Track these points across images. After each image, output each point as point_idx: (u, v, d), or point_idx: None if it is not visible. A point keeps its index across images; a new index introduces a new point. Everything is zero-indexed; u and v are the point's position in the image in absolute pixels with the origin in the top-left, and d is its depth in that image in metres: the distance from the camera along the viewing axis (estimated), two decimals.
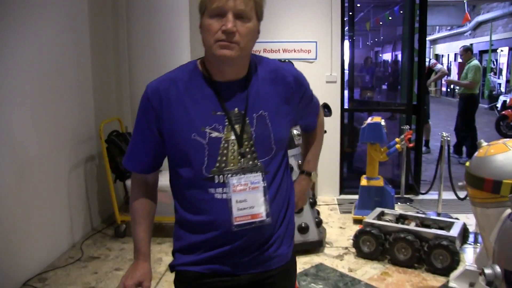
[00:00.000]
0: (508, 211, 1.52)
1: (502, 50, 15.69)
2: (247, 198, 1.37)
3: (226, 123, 1.37)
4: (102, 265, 3.59)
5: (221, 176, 1.36)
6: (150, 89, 1.42)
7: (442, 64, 16.61)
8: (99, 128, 4.05)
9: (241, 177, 1.37)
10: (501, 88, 15.44)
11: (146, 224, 1.51)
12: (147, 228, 1.51)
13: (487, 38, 15.53)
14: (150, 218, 1.53)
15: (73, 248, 3.91)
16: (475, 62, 7.38)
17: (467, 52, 7.55)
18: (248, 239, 1.40)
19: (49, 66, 3.63)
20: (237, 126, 1.37)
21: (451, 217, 4.20)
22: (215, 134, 1.36)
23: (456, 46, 15.09)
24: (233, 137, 1.37)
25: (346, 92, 5.49)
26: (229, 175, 1.37)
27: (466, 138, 7.13)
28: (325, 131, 1.98)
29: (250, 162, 1.39)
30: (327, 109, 3.84)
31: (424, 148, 6.99)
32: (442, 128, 9.27)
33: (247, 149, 1.38)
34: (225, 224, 1.37)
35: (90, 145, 4.29)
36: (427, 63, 7.61)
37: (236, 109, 1.39)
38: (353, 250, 3.67)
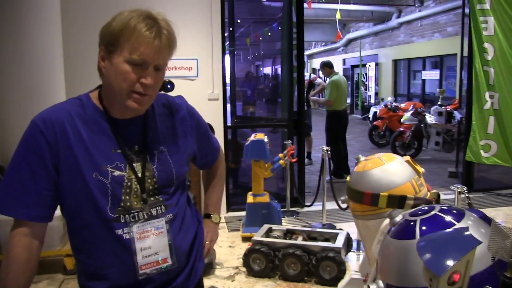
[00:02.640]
0: (386, 222, 1.57)
1: (370, 65, 17.02)
2: (152, 245, 1.33)
3: (128, 161, 1.31)
4: None
5: (127, 216, 1.30)
6: (41, 122, 1.25)
7: (320, 78, 17.58)
8: None
9: (144, 223, 1.32)
10: (372, 100, 16.71)
11: None
12: None
13: (357, 54, 16.76)
14: None
15: None
16: (333, 77, 7.08)
17: (324, 68, 7.27)
18: (154, 284, 1.36)
19: None
20: (138, 164, 1.32)
21: (335, 227, 4.37)
22: (117, 172, 1.29)
23: (331, 60, 16.10)
24: (135, 175, 1.31)
25: (228, 107, 5.50)
26: (135, 215, 1.31)
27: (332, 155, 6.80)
28: None
29: (152, 199, 1.34)
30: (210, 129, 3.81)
31: (306, 160, 7.23)
32: (322, 139, 9.74)
33: (150, 186, 1.33)
34: (131, 273, 1.31)
35: None
36: (308, 77, 7.90)
37: (136, 146, 1.33)
38: (244, 269, 3.64)
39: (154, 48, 1.24)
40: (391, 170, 1.60)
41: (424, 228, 1.00)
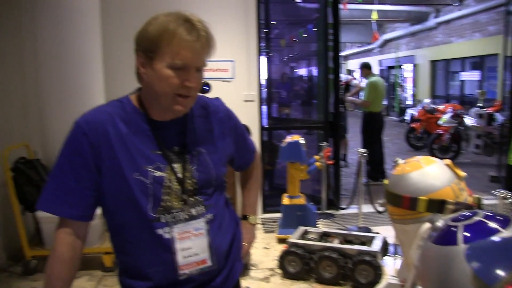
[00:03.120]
0: (425, 227, 1.53)
1: (407, 67, 16.74)
2: (192, 245, 1.35)
3: (167, 162, 1.33)
4: None
5: (167, 215, 1.32)
6: (85, 123, 1.29)
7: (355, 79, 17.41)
8: (2, 156, 3.72)
9: (184, 224, 1.34)
10: (408, 102, 16.41)
11: None
12: None
13: (393, 55, 16.49)
14: (71, 284, 1.33)
15: None
16: (371, 79, 7.05)
17: (363, 69, 7.27)
18: (194, 283, 1.38)
19: None
20: (178, 165, 1.34)
21: (371, 231, 4.32)
22: (158, 173, 1.31)
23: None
24: (175, 175, 1.33)
25: (264, 108, 5.51)
26: (175, 215, 1.33)
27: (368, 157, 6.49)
28: None
29: (192, 199, 1.37)
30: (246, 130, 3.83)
31: (342, 162, 7.16)
32: (358, 141, 9.65)
33: (190, 187, 1.35)
34: (172, 272, 1.34)
35: None
36: (344, 79, 7.84)
37: (176, 147, 1.36)
38: (279, 271, 3.64)
39: (196, 51, 1.26)
40: (430, 173, 1.56)
41: (467, 234, 0.97)
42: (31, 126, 4.45)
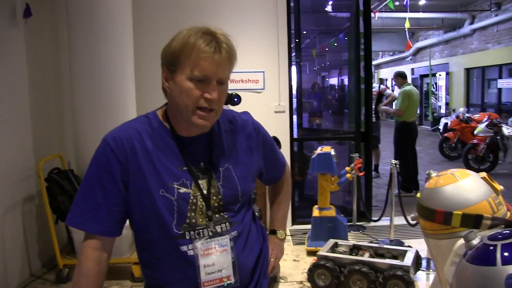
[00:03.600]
0: (460, 242, 1.47)
1: (440, 75, 16.45)
2: (215, 262, 1.33)
3: (193, 178, 1.32)
4: None
5: (192, 232, 1.31)
6: (112, 140, 1.30)
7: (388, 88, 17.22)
8: (37, 167, 3.81)
9: (208, 240, 1.32)
10: (442, 110, 16.11)
11: None
12: None
13: (426, 63, 16.25)
14: None
15: None
16: (405, 88, 6.91)
17: (397, 78, 7.19)
18: None
19: None
20: (204, 181, 1.33)
21: (403, 244, 4.21)
22: (183, 189, 1.30)
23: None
24: (200, 192, 1.32)
25: (295, 118, 5.48)
26: (200, 232, 1.32)
27: (400, 168, 5.77)
28: None
29: (217, 216, 1.36)
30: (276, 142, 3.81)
31: (373, 173, 7.05)
32: (390, 152, 9.49)
33: (215, 204, 1.34)
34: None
35: (28, 184, 4.03)
36: (377, 88, 7.74)
37: (202, 163, 1.35)
38: (308, 284, 3.58)
39: (215, 62, 1.25)
40: (465, 186, 1.50)
41: (506, 254, 0.92)
42: (65, 138, 4.56)
